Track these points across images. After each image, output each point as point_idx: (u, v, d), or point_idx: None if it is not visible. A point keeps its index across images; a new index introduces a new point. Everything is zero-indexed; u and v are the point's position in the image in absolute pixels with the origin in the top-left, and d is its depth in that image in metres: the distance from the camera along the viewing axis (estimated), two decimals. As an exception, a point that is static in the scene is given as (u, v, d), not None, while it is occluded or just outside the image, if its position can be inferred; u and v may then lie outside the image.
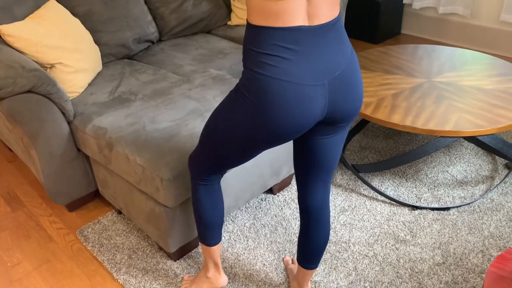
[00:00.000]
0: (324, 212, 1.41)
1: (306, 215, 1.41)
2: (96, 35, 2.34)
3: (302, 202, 1.40)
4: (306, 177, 1.36)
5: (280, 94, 1.05)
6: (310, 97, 1.07)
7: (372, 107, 1.98)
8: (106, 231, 1.99)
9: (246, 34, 1.07)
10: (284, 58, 1.04)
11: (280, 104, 1.06)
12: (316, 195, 1.38)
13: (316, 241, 1.42)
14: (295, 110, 1.07)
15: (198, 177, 1.40)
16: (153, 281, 1.74)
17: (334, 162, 1.32)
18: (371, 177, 2.22)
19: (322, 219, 1.41)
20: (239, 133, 1.15)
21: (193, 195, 1.45)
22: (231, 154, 1.23)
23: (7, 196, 2.28)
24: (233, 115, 1.14)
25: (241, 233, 1.94)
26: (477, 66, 2.30)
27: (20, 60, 1.76)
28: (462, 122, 1.86)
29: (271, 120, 1.09)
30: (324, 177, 1.35)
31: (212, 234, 1.49)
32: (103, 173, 1.91)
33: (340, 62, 1.10)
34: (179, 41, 2.69)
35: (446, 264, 1.75)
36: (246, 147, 1.19)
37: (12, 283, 1.79)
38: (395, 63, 2.37)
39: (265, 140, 1.15)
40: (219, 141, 1.22)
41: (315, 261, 1.47)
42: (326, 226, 1.42)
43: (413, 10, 3.90)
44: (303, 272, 1.52)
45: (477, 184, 2.15)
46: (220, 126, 1.20)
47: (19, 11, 2.09)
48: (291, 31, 1.03)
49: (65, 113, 1.88)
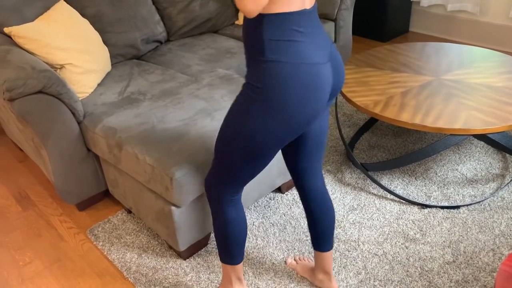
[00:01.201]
0: (326, 191, 1.48)
1: (313, 200, 1.45)
2: (105, 36, 2.35)
3: (305, 188, 1.44)
4: (305, 163, 1.39)
5: (305, 78, 1.09)
6: (326, 76, 1.13)
7: (381, 105, 1.98)
8: (116, 230, 2.00)
9: (259, 27, 1.07)
10: (299, 42, 1.08)
11: (307, 87, 1.09)
12: (317, 176, 1.44)
13: (328, 220, 1.49)
14: (318, 91, 1.12)
15: (224, 200, 1.35)
16: (163, 280, 1.75)
17: (326, 137, 1.39)
18: (380, 176, 2.22)
19: (326, 198, 1.47)
20: (264, 136, 1.15)
21: (219, 218, 1.38)
22: (256, 162, 1.23)
23: (18, 195, 2.30)
24: (253, 119, 1.13)
25: (250, 232, 1.94)
26: (486, 64, 2.28)
27: (30, 61, 1.78)
28: (472, 120, 1.85)
29: (298, 107, 1.10)
30: (320, 156, 1.41)
31: (242, 250, 1.46)
32: (112, 173, 1.93)
33: (327, 41, 1.17)
34: (187, 41, 2.70)
35: (456, 262, 1.74)
36: (270, 148, 1.19)
37: (24, 282, 1.81)
38: (403, 61, 2.36)
39: (292, 131, 1.15)
40: (242, 154, 1.20)
41: (330, 241, 1.53)
42: (331, 203, 1.50)
43: (421, 8, 3.87)
44: (325, 256, 1.56)
45: (487, 182, 2.13)
46: (239, 138, 1.17)
47: (29, 13, 2.11)
48: (300, 14, 1.08)
49: (75, 113, 1.90)
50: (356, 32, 3.95)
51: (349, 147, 2.34)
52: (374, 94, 2.07)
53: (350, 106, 2.86)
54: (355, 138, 2.46)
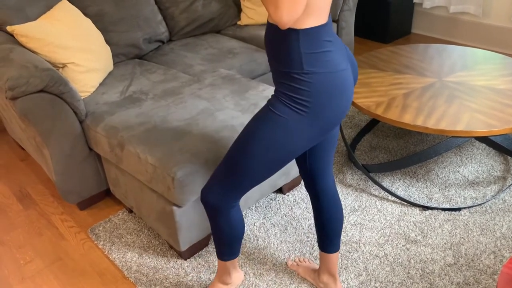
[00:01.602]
0: (337, 191, 1.50)
1: (325, 200, 1.47)
2: (107, 35, 2.35)
3: (317, 188, 1.46)
4: (321, 163, 1.42)
5: (340, 84, 1.14)
6: (350, 79, 1.19)
7: (383, 106, 1.98)
8: (117, 229, 2.00)
9: (296, 41, 1.09)
10: (330, 51, 1.13)
11: (341, 93, 1.15)
12: (330, 176, 1.46)
13: (338, 220, 1.50)
14: (348, 94, 1.18)
15: (229, 205, 1.35)
16: (163, 280, 1.75)
17: (338, 136, 1.43)
18: (381, 177, 2.22)
19: (337, 198, 1.49)
20: (299, 145, 1.19)
21: (221, 221, 1.38)
22: (278, 169, 1.26)
23: (20, 194, 2.30)
24: (297, 133, 1.16)
25: (251, 233, 1.94)
26: (489, 66, 2.28)
27: (33, 60, 1.78)
28: (474, 122, 1.84)
29: (336, 113, 1.17)
30: (332, 156, 1.44)
31: (240, 243, 1.49)
32: (114, 172, 1.93)
33: (344, 45, 1.23)
34: (189, 40, 2.70)
35: (457, 265, 1.73)
36: (298, 154, 1.23)
37: (25, 280, 1.81)
38: (406, 63, 2.35)
39: (324, 136, 1.22)
40: (268, 164, 1.22)
41: (338, 241, 1.53)
42: (341, 203, 1.54)
43: (423, 9, 3.87)
44: (332, 257, 1.56)
45: (488, 184, 2.13)
46: (271, 150, 1.18)
47: (31, 12, 2.11)
48: (328, 25, 1.13)
49: (77, 112, 1.90)
50: (358, 33, 3.95)
51: (351, 148, 2.33)
52: (376, 95, 2.07)
53: (351, 107, 2.86)
54: (356, 139, 2.46)
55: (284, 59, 1.12)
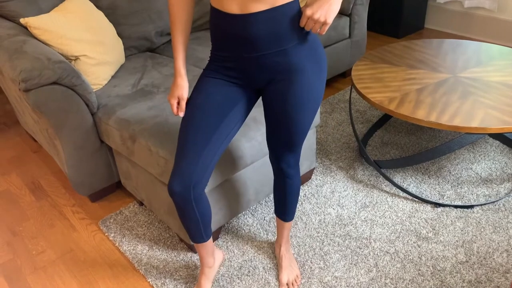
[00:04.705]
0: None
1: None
2: (119, 28, 2.36)
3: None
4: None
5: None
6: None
7: (396, 102, 1.95)
8: (127, 222, 2.01)
9: (296, 5, 1.23)
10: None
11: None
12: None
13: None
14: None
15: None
16: (173, 272, 1.75)
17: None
18: (393, 173, 2.20)
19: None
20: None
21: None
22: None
23: (32, 185, 2.32)
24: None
25: (261, 227, 1.94)
26: (504, 62, 2.24)
27: (46, 52, 1.78)
28: (489, 118, 1.82)
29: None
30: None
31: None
32: (125, 165, 1.94)
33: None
34: (200, 34, 2.70)
35: (469, 262, 1.72)
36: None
37: (37, 271, 1.83)
38: (419, 58, 2.33)
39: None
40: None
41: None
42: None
43: (437, 4, 3.82)
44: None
45: (502, 182, 2.10)
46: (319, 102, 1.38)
47: (44, 4, 2.12)
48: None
49: (89, 105, 1.91)
50: (371, 28, 3.91)
51: (362, 144, 2.32)
52: (389, 90, 2.05)
53: (363, 102, 2.83)
54: (368, 134, 2.44)
55: (296, 24, 1.26)
